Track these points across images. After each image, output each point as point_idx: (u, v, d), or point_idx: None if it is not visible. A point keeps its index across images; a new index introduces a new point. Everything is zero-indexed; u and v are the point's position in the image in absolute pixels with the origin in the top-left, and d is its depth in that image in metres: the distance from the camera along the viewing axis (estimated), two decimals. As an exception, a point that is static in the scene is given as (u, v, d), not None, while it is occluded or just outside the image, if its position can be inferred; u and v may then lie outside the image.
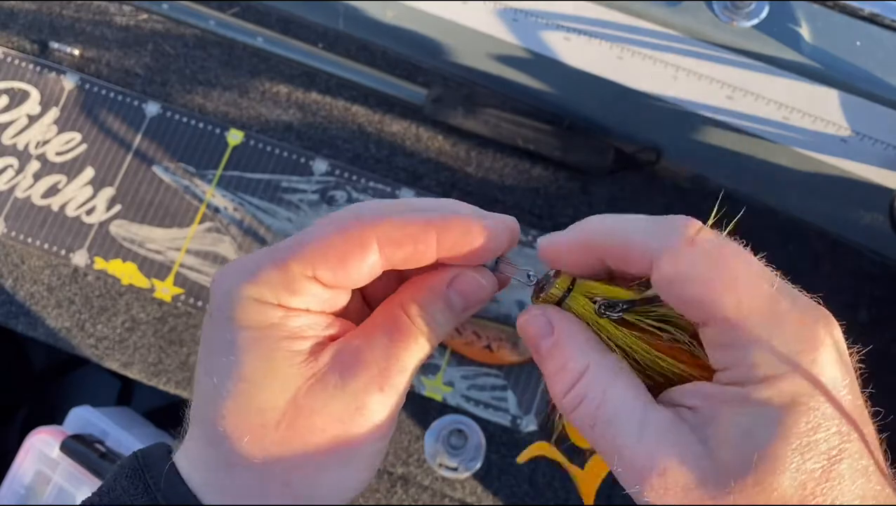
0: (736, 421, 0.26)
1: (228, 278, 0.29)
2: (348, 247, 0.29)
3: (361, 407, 0.29)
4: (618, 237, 0.29)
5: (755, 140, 0.67)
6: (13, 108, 0.78)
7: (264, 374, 0.29)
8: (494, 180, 0.76)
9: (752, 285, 0.26)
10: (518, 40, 0.69)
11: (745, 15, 0.63)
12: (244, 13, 0.78)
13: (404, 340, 0.31)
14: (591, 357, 0.29)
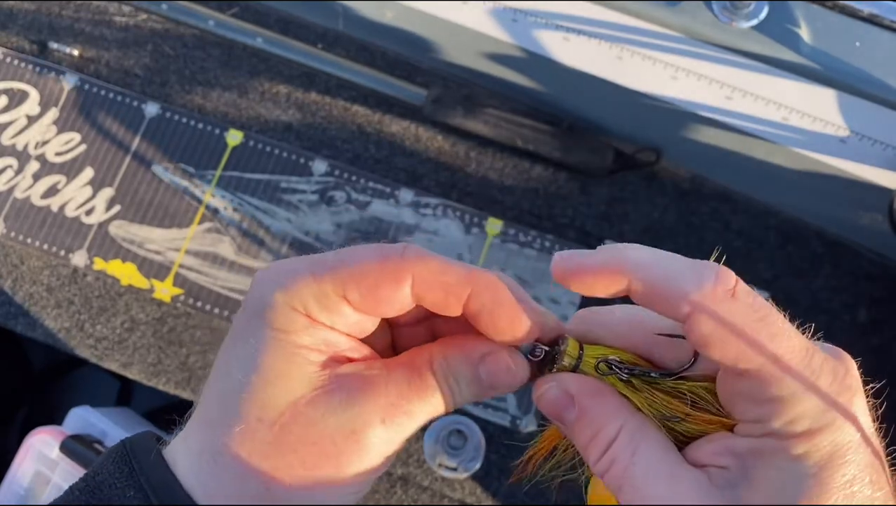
0: (771, 478, 0.25)
1: (268, 278, 0.30)
2: (383, 276, 0.30)
3: (357, 433, 0.29)
4: (655, 273, 0.28)
5: (754, 140, 0.67)
6: (12, 109, 0.78)
7: (276, 373, 0.29)
8: (494, 181, 0.76)
9: (789, 339, 0.26)
10: (517, 40, 0.69)
11: (744, 15, 0.63)
12: (243, 13, 0.78)
13: (421, 390, 0.30)
14: (621, 419, 0.29)
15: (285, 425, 0.28)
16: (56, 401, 1.00)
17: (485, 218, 0.74)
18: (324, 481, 0.29)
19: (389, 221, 0.74)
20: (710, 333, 0.27)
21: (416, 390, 0.30)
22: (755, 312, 0.26)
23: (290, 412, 0.29)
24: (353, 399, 0.29)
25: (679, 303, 0.27)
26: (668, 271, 0.27)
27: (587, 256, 0.29)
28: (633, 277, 0.28)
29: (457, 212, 0.74)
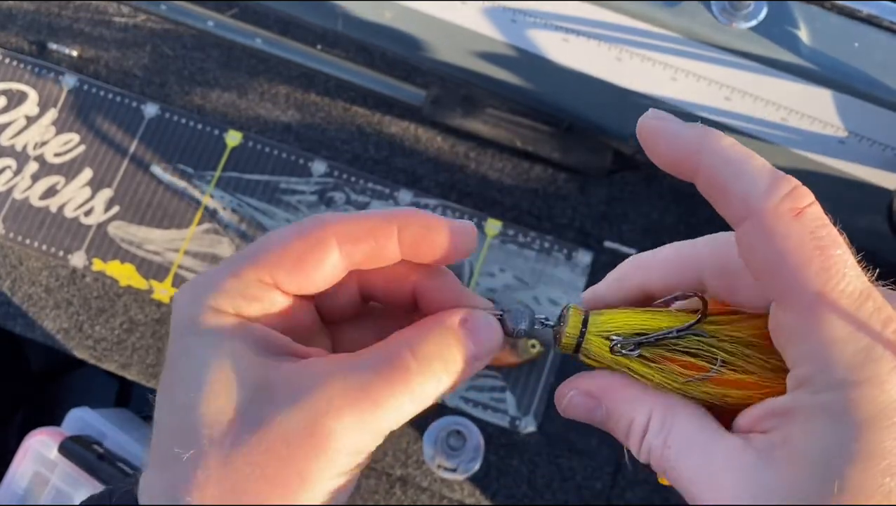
0: (810, 441, 0.23)
1: (186, 293, 0.28)
2: (305, 245, 0.28)
3: (312, 427, 0.26)
4: (729, 165, 0.26)
5: (753, 141, 0.67)
6: (11, 109, 0.78)
7: (217, 385, 0.27)
8: (493, 181, 0.76)
9: (843, 278, 0.24)
10: (516, 41, 0.69)
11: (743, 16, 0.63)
12: (243, 14, 0.78)
13: (389, 372, 0.27)
14: (648, 405, 0.28)
15: (235, 438, 0.26)
16: (55, 402, 1.00)
17: (484, 219, 0.74)
18: (289, 488, 0.26)
19: (388, 221, 0.74)
20: (755, 246, 0.25)
21: (383, 378, 0.27)
22: (815, 240, 0.24)
23: (237, 422, 0.26)
24: (300, 394, 0.26)
25: (736, 202, 0.25)
26: (742, 167, 0.26)
27: (678, 124, 0.28)
28: (707, 160, 0.26)
29: (456, 213, 0.74)
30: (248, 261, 0.28)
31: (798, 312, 0.24)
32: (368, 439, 0.27)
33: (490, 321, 0.30)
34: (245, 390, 0.26)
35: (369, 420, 0.26)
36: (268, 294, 0.28)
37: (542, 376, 0.70)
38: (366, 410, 0.26)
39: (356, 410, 0.26)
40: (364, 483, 0.68)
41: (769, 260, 0.25)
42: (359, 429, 0.26)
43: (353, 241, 0.29)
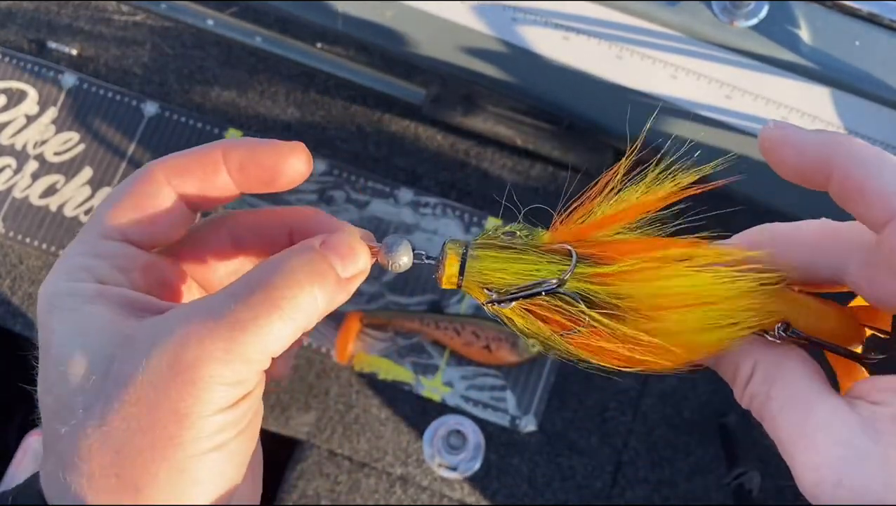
0: None
1: (48, 276, 0.28)
2: (137, 189, 0.28)
3: (175, 363, 0.25)
4: (868, 168, 0.25)
5: (754, 140, 0.67)
6: (11, 108, 0.78)
7: (78, 349, 0.26)
8: (493, 180, 0.76)
9: None
10: (517, 40, 0.69)
11: (744, 15, 0.63)
12: (242, 13, 0.78)
13: (248, 295, 0.26)
14: (754, 356, 0.28)
15: (106, 399, 0.25)
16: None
17: (484, 217, 0.74)
18: (168, 431, 0.25)
19: (389, 220, 0.74)
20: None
21: (245, 301, 0.26)
22: None
23: (103, 383, 0.25)
24: (159, 337, 0.25)
25: (878, 202, 0.24)
26: (880, 166, 0.25)
27: (803, 131, 0.27)
28: (840, 163, 0.25)
29: (456, 211, 0.74)
30: (90, 222, 0.28)
31: None
32: (241, 367, 0.26)
33: (352, 240, 0.29)
34: (106, 349, 0.26)
35: (235, 345, 0.25)
36: (118, 249, 0.28)
37: (542, 376, 0.70)
38: (230, 335, 0.25)
39: (218, 336, 0.25)
40: (364, 482, 0.68)
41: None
42: (226, 355, 0.25)
43: (180, 173, 0.29)
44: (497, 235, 0.29)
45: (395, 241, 0.30)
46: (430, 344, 0.71)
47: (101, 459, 0.25)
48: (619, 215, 0.28)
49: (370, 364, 0.70)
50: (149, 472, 0.25)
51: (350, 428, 0.69)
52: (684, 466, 0.69)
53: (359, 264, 0.29)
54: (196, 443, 0.25)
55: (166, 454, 0.25)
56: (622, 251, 0.28)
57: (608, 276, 0.28)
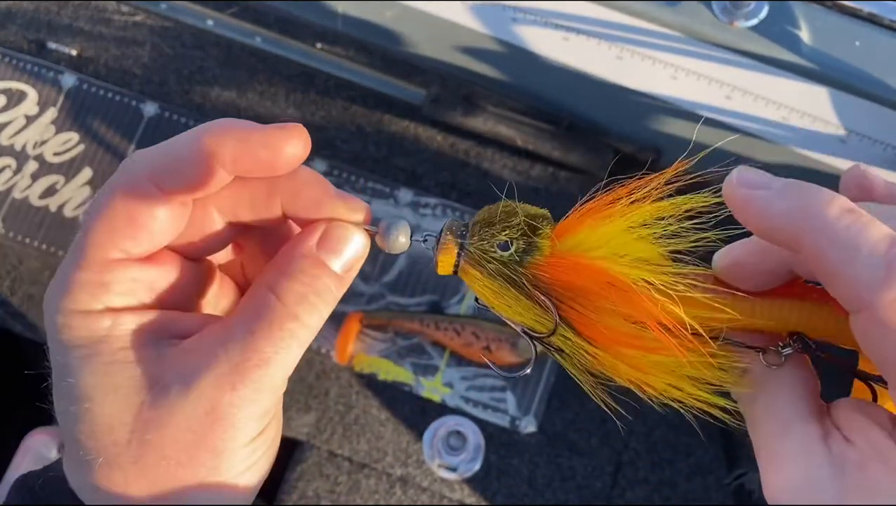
0: (887, 486, 0.23)
1: (48, 299, 0.27)
2: (129, 200, 0.26)
3: (211, 410, 0.26)
4: (838, 250, 0.23)
5: (754, 140, 0.67)
6: (11, 109, 0.78)
7: (105, 392, 0.26)
8: (493, 180, 0.76)
9: None
10: (517, 40, 0.69)
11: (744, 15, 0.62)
12: (242, 13, 0.78)
13: (265, 327, 0.27)
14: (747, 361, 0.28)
15: (140, 437, 0.26)
16: (55, 401, 1.00)
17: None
18: (207, 469, 0.27)
19: (389, 221, 0.74)
20: (871, 339, 0.23)
21: (259, 334, 0.27)
22: None
23: (138, 424, 0.26)
24: (192, 380, 0.26)
25: (849, 291, 0.23)
26: (854, 251, 0.23)
27: (769, 194, 0.25)
28: (812, 239, 0.24)
29: (456, 211, 0.74)
30: (86, 244, 0.27)
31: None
32: (268, 399, 0.27)
33: (349, 231, 0.29)
34: (135, 396, 0.26)
35: (264, 382, 0.27)
36: (122, 272, 0.27)
37: (542, 376, 0.70)
38: (257, 375, 0.26)
39: (248, 379, 0.26)
40: (364, 483, 0.68)
41: (885, 353, 0.23)
42: (257, 394, 0.27)
43: (170, 172, 0.27)
44: (492, 246, 0.29)
45: (392, 222, 0.30)
46: (430, 345, 0.71)
47: (139, 487, 0.26)
48: (620, 254, 0.28)
49: (370, 365, 0.70)
50: (187, 497, 0.27)
51: (350, 429, 0.69)
52: (684, 466, 0.69)
53: (357, 254, 0.29)
54: (232, 469, 0.27)
55: (205, 484, 0.27)
56: (607, 336, 0.27)
57: (586, 351, 0.28)
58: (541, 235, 0.29)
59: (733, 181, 0.26)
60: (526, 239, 0.29)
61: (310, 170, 0.29)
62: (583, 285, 0.28)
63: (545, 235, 0.29)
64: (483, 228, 0.29)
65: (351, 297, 0.72)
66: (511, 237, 0.29)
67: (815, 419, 0.26)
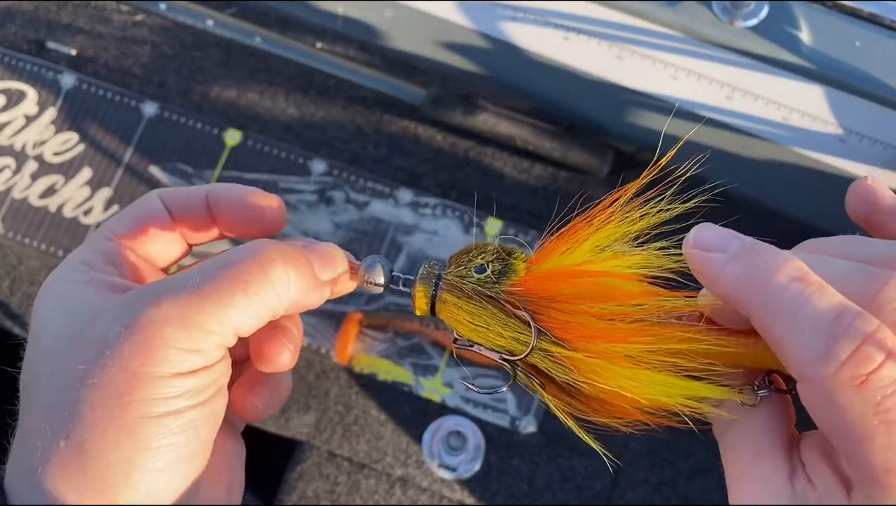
0: None
1: (48, 278, 0.31)
2: (138, 205, 0.31)
3: (133, 326, 0.26)
4: (780, 322, 0.23)
5: (755, 140, 0.67)
6: (10, 109, 0.78)
7: (52, 320, 0.29)
8: (493, 180, 0.76)
9: None
10: (517, 40, 0.69)
11: (744, 15, 0.62)
12: (242, 13, 0.78)
13: (225, 276, 0.27)
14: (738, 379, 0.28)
15: (69, 362, 0.26)
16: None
17: (484, 218, 0.74)
18: (118, 389, 0.25)
19: (388, 220, 0.74)
20: (815, 408, 0.23)
21: (212, 274, 0.27)
22: (880, 414, 0.21)
23: (74, 346, 0.26)
24: (125, 302, 0.26)
25: (792, 362, 0.23)
26: (796, 323, 0.23)
27: (726, 255, 0.25)
28: (758, 311, 0.24)
29: (456, 212, 0.74)
30: (98, 229, 0.31)
31: (862, 479, 0.23)
32: (198, 335, 0.26)
33: (333, 249, 0.30)
34: (80, 322, 0.27)
35: (194, 312, 0.26)
36: (113, 246, 0.30)
37: (542, 376, 0.70)
38: (188, 302, 0.26)
39: (176, 303, 0.26)
40: (364, 483, 0.68)
41: (829, 425, 0.23)
42: (182, 320, 0.26)
43: (174, 199, 0.32)
44: (468, 271, 0.30)
45: (373, 261, 0.31)
46: (430, 345, 0.71)
47: (55, 420, 0.25)
48: (596, 272, 0.28)
49: (370, 365, 0.70)
50: (96, 429, 0.25)
51: (350, 429, 0.69)
52: (685, 466, 0.68)
53: (336, 269, 0.30)
54: (147, 404, 0.25)
55: (115, 413, 0.25)
56: (585, 334, 0.28)
57: (566, 359, 0.28)
58: (516, 257, 0.30)
59: (690, 241, 0.26)
60: (502, 261, 0.29)
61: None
62: (558, 290, 0.28)
63: (520, 259, 0.30)
64: (459, 257, 0.30)
65: (350, 297, 0.72)
66: (487, 260, 0.30)
67: (784, 455, 0.26)
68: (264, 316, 0.27)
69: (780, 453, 0.26)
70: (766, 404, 0.27)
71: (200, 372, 0.26)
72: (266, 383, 0.33)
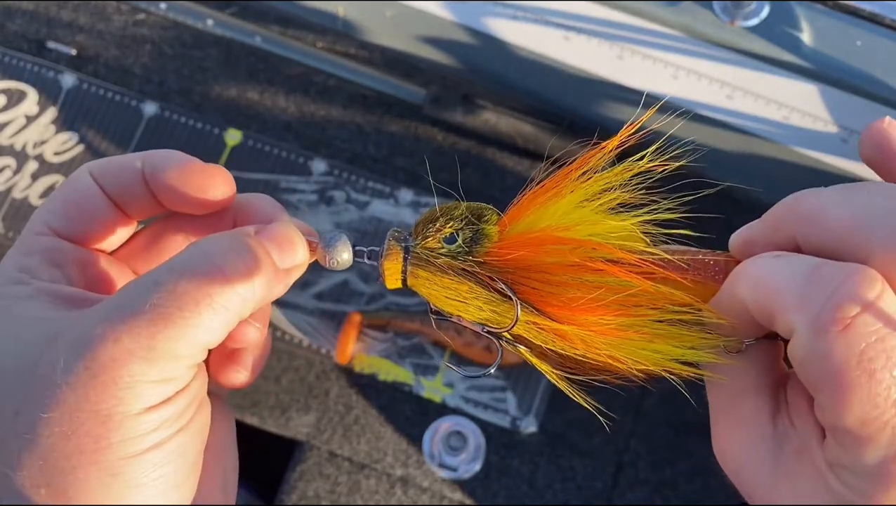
0: (807, 486, 0.24)
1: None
2: (65, 186, 0.28)
3: (93, 368, 0.23)
4: (763, 293, 0.24)
5: (755, 140, 0.67)
6: (11, 109, 0.78)
7: (3, 350, 0.25)
8: (494, 180, 0.76)
9: (890, 407, 0.21)
10: (517, 39, 0.69)
11: (745, 14, 0.62)
12: (242, 12, 0.77)
13: (185, 288, 0.24)
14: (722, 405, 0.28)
15: (32, 402, 0.24)
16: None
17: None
18: (93, 439, 0.23)
19: (389, 220, 0.74)
20: (800, 362, 0.23)
21: (169, 290, 0.24)
22: (862, 361, 0.21)
23: (34, 381, 0.24)
24: (79, 335, 0.23)
25: (775, 318, 0.23)
26: (777, 284, 0.23)
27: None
28: (745, 293, 0.25)
29: (456, 212, 0.74)
30: (27, 223, 0.29)
31: (837, 428, 0.23)
32: (169, 365, 0.23)
33: (291, 231, 0.27)
34: (32, 349, 0.24)
35: (161, 341, 0.23)
36: (49, 243, 0.28)
37: (542, 376, 0.70)
38: (152, 332, 0.23)
39: (138, 333, 0.23)
40: (364, 483, 0.68)
41: (813, 375, 0.22)
42: (149, 353, 0.23)
43: (105, 173, 0.29)
44: (438, 243, 0.27)
45: (333, 236, 0.28)
46: (431, 345, 0.71)
47: (30, 469, 0.23)
48: (570, 234, 0.27)
49: (370, 365, 0.70)
50: (77, 478, 0.23)
51: (350, 429, 0.69)
52: (686, 467, 0.68)
53: (297, 256, 0.27)
54: (126, 444, 0.23)
55: (94, 458, 0.23)
56: (569, 305, 0.27)
57: (548, 328, 0.27)
58: (487, 221, 0.28)
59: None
60: (472, 228, 0.27)
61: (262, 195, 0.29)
62: (537, 260, 0.27)
63: (492, 222, 0.28)
64: (426, 226, 0.28)
65: (351, 296, 0.72)
66: (456, 228, 0.28)
67: (769, 393, 0.26)
68: (233, 324, 0.25)
69: (765, 392, 0.26)
70: (754, 348, 0.27)
71: (175, 398, 0.24)
72: (245, 349, 0.31)
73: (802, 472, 0.24)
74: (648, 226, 0.27)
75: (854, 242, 0.24)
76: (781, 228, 0.28)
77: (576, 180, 0.28)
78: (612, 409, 0.70)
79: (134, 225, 0.31)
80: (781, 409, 0.26)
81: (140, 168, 0.28)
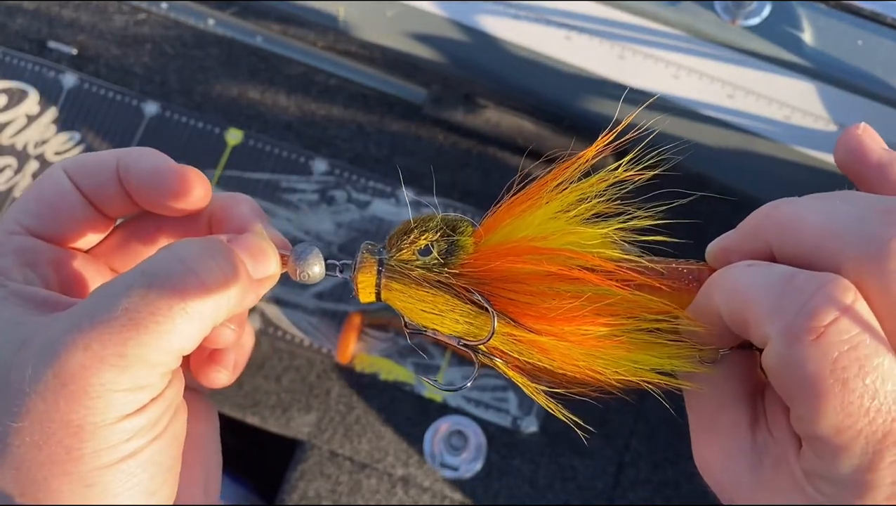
0: (786, 497, 0.24)
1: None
2: (38, 184, 0.28)
3: (63, 377, 0.22)
4: (737, 302, 0.24)
5: (756, 139, 0.67)
6: (12, 108, 0.78)
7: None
8: (495, 180, 0.75)
9: (864, 415, 0.21)
10: (518, 38, 0.69)
11: (746, 14, 0.62)
12: (243, 12, 0.77)
13: (156, 294, 0.23)
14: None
15: (5, 411, 0.23)
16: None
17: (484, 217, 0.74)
18: (65, 449, 0.22)
19: (390, 220, 0.74)
20: (774, 372, 0.23)
21: (140, 295, 0.23)
22: (836, 370, 0.21)
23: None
24: (49, 344, 0.22)
25: (750, 327, 0.24)
26: (751, 293, 0.23)
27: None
28: (719, 302, 0.25)
29: (458, 211, 0.74)
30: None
31: (812, 437, 0.23)
32: (142, 372, 0.23)
33: (263, 242, 0.27)
34: (4, 355, 0.23)
35: (133, 348, 0.22)
36: (23, 243, 0.27)
37: (543, 376, 0.70)
38: (123, 338, 0.22)
39: (108, 340, 0.22)
40: (365, 483, 0.68)
41: (787, 385, 0.23)
42: (121, 360, 0.22)
43: (82, 173, 0.28)
44: (412, 255, 0.27)
45: (304, 249, 0.27)
46: (432, 344, 0.71)
47: (3, 479, 0.23)
48: (546, 249, 0.27)
49: (371, 365, 0.70)
50: (50, 489, 0.22)
51: (351, 429, 0.69)
52: (687, 467, 0.68)
53: (269, 267, 0.27)
54: (100, 455, 0.23)
55: (66, 469, 0.22)
56: (546, 316, 0.27)
57: (528, 341, 0.27)
58: (462, 232, 0.28)
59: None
60: (447, 239, 0.27)
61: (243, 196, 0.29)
62: (513, 271, 0.27)
63: (467, 233, 0.28)
64: (400, 238, 0.27)
65: (351, 297, 0.72)
66: (431, 240, 0.27)
67: (747, 403, 0.26)
68: (207, 330, 0.25)
69: (742, 402, 0.26)
70: (730, 358, 0.27)
71: (149, 406, 0.23)
72: (226, 349, 0.30)
73: (781, 481, 0.24)
74: (626, 233, 0.27)
75: (827, 250, 0.24)
76: (757, 236, 0.27)
77: (551, 191, 0.27)
78: (612, 409, 0.70)
79: (112, 223, 0.30)
80: (760, 418, 0.26)
81: (115, 166, 0.29)
